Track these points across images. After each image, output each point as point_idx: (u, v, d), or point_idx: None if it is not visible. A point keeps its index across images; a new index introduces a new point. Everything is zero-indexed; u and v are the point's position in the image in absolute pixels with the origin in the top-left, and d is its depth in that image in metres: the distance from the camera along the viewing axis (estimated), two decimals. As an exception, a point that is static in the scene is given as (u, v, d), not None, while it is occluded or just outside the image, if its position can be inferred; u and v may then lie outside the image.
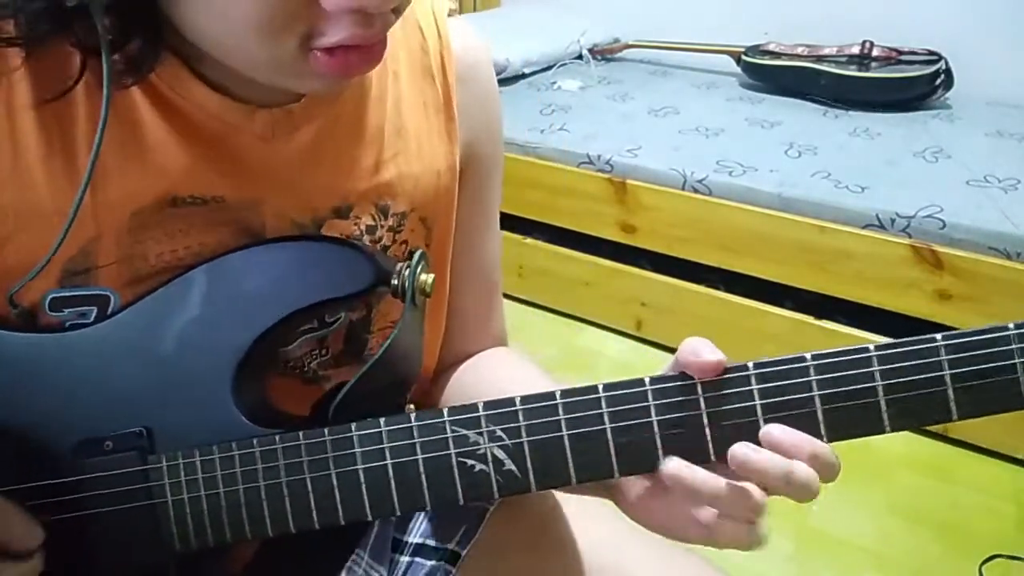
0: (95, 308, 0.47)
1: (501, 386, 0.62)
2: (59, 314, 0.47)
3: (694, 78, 2.34)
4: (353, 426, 0.45)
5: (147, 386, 0.47)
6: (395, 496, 0.45)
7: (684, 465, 0.42)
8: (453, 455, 0.44)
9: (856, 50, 2.06)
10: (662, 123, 1.98)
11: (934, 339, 0.41)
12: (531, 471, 0.44)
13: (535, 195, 1.90)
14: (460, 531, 0.61)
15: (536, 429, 0.44)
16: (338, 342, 0.56)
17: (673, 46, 2.38)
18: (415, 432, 0.45)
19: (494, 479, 0.44)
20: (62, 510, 0.46)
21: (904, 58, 2.02)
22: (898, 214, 1.53)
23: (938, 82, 2.00)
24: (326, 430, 0.46)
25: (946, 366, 0.41)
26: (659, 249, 1.80)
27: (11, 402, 0.46)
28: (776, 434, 0.42)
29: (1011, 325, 0.41)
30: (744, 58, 2.22)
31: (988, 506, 1.45)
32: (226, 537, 0.46)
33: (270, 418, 0.48)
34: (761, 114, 2.02)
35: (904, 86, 2.02)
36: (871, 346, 0.42)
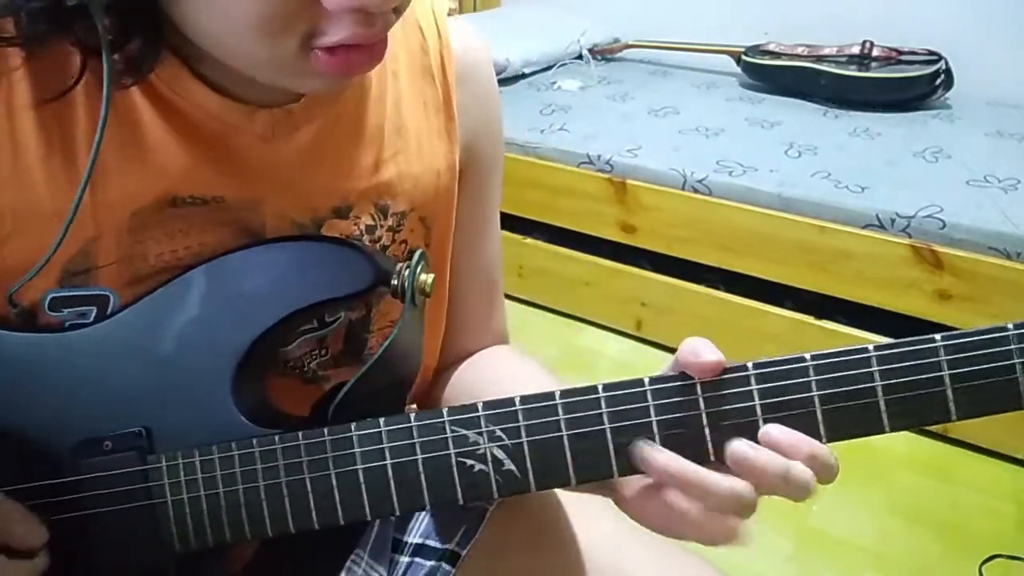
0: (95, 308, 0.47)
1: (503, 384, 0.62)
2: (59, 314, 0.47)
3: (694, 78, 2.34)
4: (352, 426, 0.45)
5: (146, 386, 0.47)
6: (394, 496, 0.45)
7: (672, 457, 0.42)
8: (452, 455, 0.44)
9: (856, 50, 2.06)
10: (662, 123, 1.98)
11: (933, 339, 0.41)
12: (530, 471, 0.44)
13: (535, 195, 1.90)
14: (460, 531, 0.61)
15: (535, 429, 0.44)
16: (338, 342, 0.56)
17: (673, 46, 2.38)
18: (414, 432, 0.45)
19: (493, 479, 0.44)
20: (62, 510, 0.46)
21: (904, 58, 2.02)
22: (898, 214, 1.53)
23: (938, 82, 2.00)
24: (325, 430, 0.45)
25: (945, 366, 0.41)
26: (659, 249, 1.80)
27: (11, 402, 0.46)
28: (775, 434, 0.42)
29: (1010, 325, 0.41)
30: (744, 58, 2.22)
31: (988, 506, 1.45)
32: (226, 537, 0.46)
33: (270, 418, 0.48)
34: (761, 114, 2.02)
35: (904, 86, 2.02)
36: (870, 346, 0.42)
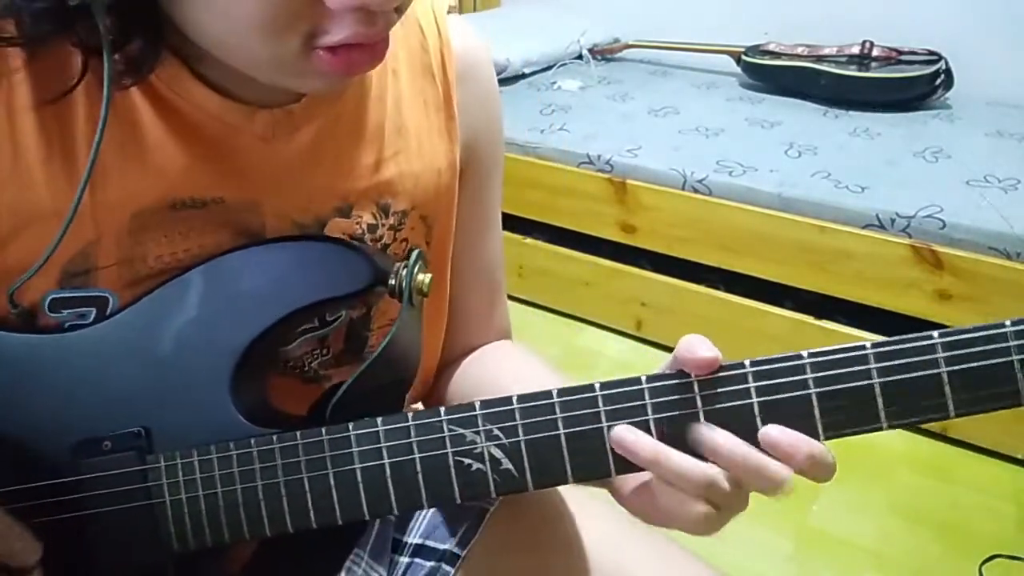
0: (94, 309, 0.47)
1: (506, 379, 0.62)
2: (58, 315, 0.47)
3: (694, 78, 2.34)
4: (350, 426, 0.45)
5: (145, 387, 0.47)
6: (392, 495, 0.45)
7: (627, 429, 0.42)
8: (450, 454, 0.44)
9: (856, 50, 2.06)
10: (662, 123, 1.98)
11: (931, 336, 0.41)
12: (528, 470, 0.44)
13: (535, 195, 1.90)
14: (460, 532, 0.61)
15: (533, 428, 0.44)
16: (339, 341, 0.56)
17: (673, 46, 2.38)
18: (412, 431, 0.45)
19: (491, 478, 0.44)
20: (61, 510, 0.46)
21: (904, 58, 2.02)
22: (898, 214, 1.53)
23: (938, 82, 2.00)
24: (323, 430, 0.45)
25: (943, 363, 0.41)
26: (659, 249, 1.80)
27: (10, 402, 0.46)
28: (774, 435, 0.41)
29: (1008, 323, 0.40)
30: (744, 58, 2.22)
31: (988, 506, 1.45)
32: (224, 537, 0.46)
33: (268, 418, 0.48)
34: (761, 114, 2.02)
35: (904, 86, 2.02)
36: (867, 344, 0.42)
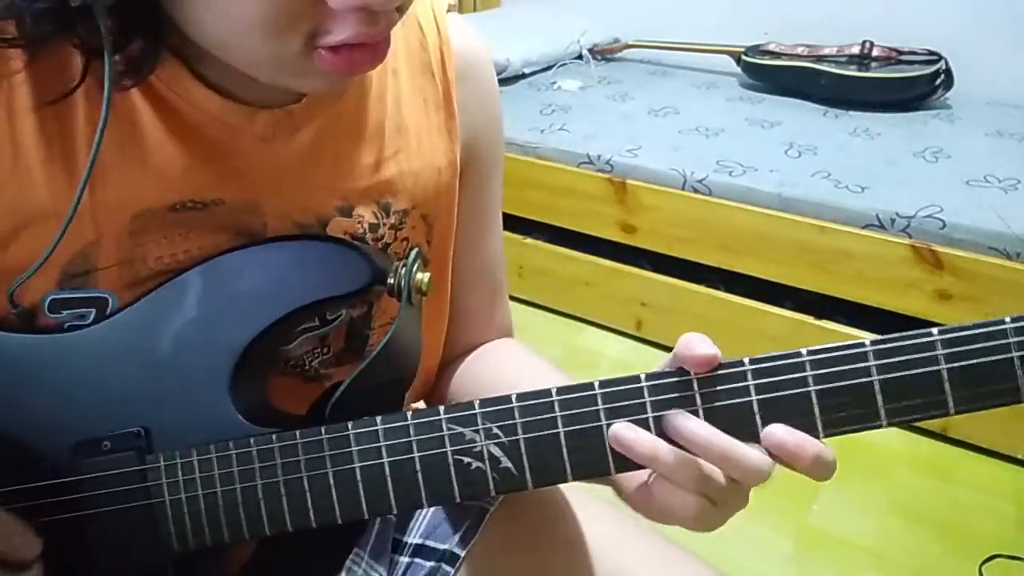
0: (94, 310, 0.47)
1: (509, 377, 0.62)
2: (58, 315, 0.47)
3: (694, 78, 2.34)
4: (349, 425, 0.45)
5: (145, 387, 0.47)
6: (392, 494, 0.45)
7: (626, 426, 0.42)
8: (449, 453, 0.44)
9: (856, 50, 2.05)
10: (662, 123, 1.98)
11: (930, 333, 0.41)
12: (527, 468, 0.44)
13: (535, 195, 1.90)
14: (460, 532, 0.61)
15: (532, 426, 0.44)
16: (339, 340, 0.56)
17: (673, 46, 2.38)
18: (411, 430, 0.45)
19: (490, 477, 0.44)
20: (61, 510, 0.46)
21: (904, 58, 2.02)
22: (898, 214, 1.53)
23: (938, 82, 2.00)
24: (323, 429, 0.45)
25: (942, 360, 0.41)
26: (659, 249, 1.80)
27: (10, 403, 0.46)
28: (780, 434, 0.41)
29: (1007, 319, 0.40)
30: (744, 58, 2.22)
31: (988, 506, 1.45)
32: (224, 537, 0.46)
33: (268, 417, 0.48)
34: (761, 114, 2.02)
35: (904, 86, 2.01)
36: (866, 340, 0.42)
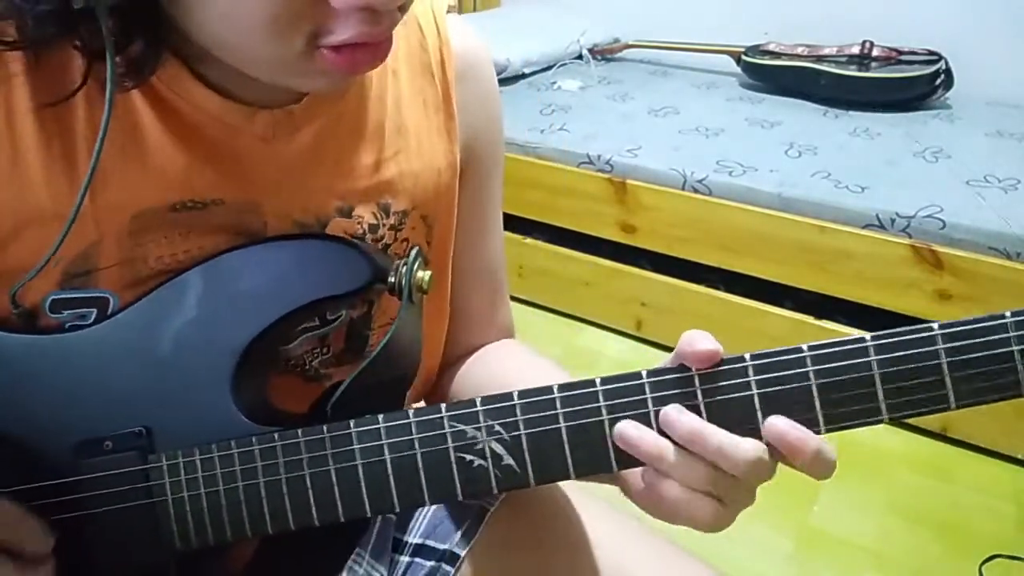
0: (95, 310, 0.47)
1: (510, 376, 0.62)
2: (59, 316, 0.47)
3: (694, 78, 2.34)
4: (351, 423, 0.45)
5: (146, 386, 0.47)
6: (394, 492, 0.45)
7: (631, 424, 0.42)
8: (451, 450, 0.44)
9: (856, 50, 2.06)
10: (662, 123, 1.99)
11: (931, 328, 0.41)
12: (529, 465, 0.44)
13: (535, 195, 1.90)
14: (460, 531, 0.61)
15: (534, 423, 0.44)
16: (339, 340, 0.56)
17: (673, 46, 2.38)
18: (413, 428, 0.45)
19: (492, 474, 0.44)
20: (63, 510, 0.46)
21: (904, 58, 2.03)
22: (898, 214, 1.53)
23: (938, 82, 2.00)
24: (325, 427, 0.46)
25: (943, 355, 0.41)
26: (659, 249, 1.80)
27: (11, 403, 0.47)
28: (781, 426, 0.41)
29: (1007, 313, 0.41)
30: (744, 58, 2.22)
31: (988, 506, 1.45)
32: (226, 535, 0.46)
33: (269, 416, 0.48)
34: (761, 114, 2.02)
35: (904, 86, 2.02)
36: (867, 336, 0.42)
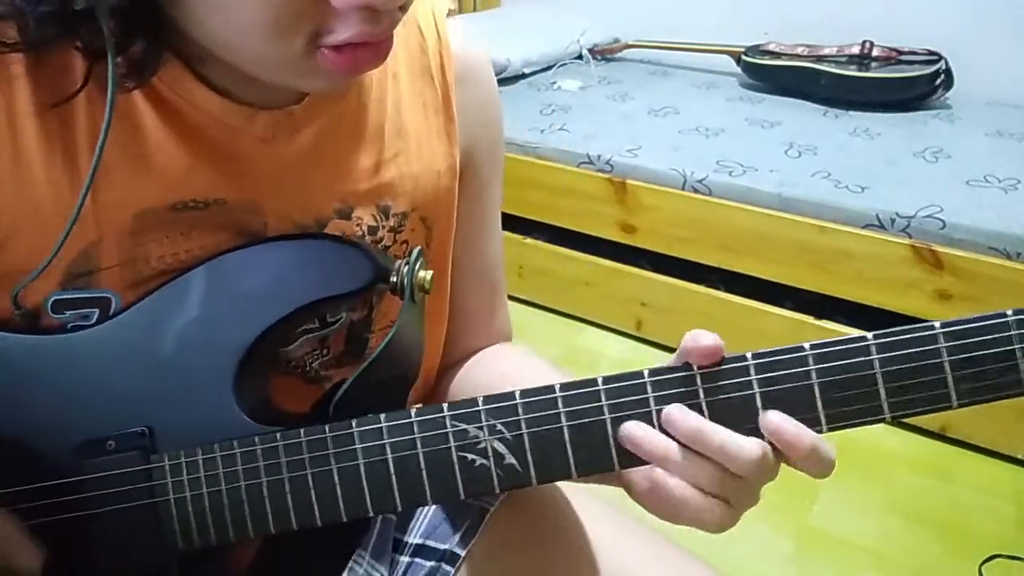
0: (97, 310, 0.47)
1: (509, 378, 0.62)
2: (61, 316, 0.47)
3: (694, 78, 2.34)
4: (354, 422, 0.45)
5: (148, 386, 0.47)
6: (396, 491, 0.45)
7: (637, 424, 0.43)
8: (453, 449, 0.44)
9: (856, 50, 2.06)
10: (662, 123, 1.99)
11: (932, 327, 0.41)
12: (531, 464, 0.44)
13: (535, 195, 1.90)
14: (460, 531, 0.61)
15: (536, 422, 0.44)
16: (339, 342, 0.56)
17: (673, 46, 2.38)
18: (415, 427, 0.45)
19: (494, 473, 0.44)
20: (65, 510, 0.46)
21: (904, 58, 2.03)
22: (898, 214, 1.53)
23: (938, 82, 2.00)
24: (327, 427, 0.46)
25: (945, 353, 0.41)
26: (659, 249, 1.80)
27: (13, 403, 0.47)
28: (777, 421, 0.41)
29: (1009, 312, 0.41)
30: (744, 58, 2.22)
31: (988, 506, 1.45)
32: (229, 535, 0.46)
33: (271, 416, 0.48)
34: (761, 114, 2.03)
35: (904, 86, 2.02)
36: (869, 335, 0.42)
